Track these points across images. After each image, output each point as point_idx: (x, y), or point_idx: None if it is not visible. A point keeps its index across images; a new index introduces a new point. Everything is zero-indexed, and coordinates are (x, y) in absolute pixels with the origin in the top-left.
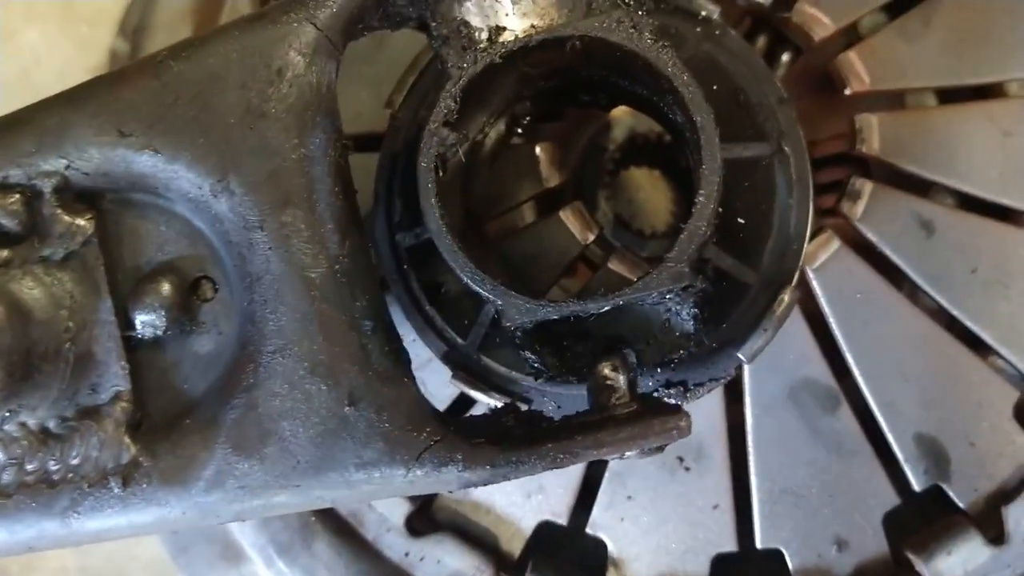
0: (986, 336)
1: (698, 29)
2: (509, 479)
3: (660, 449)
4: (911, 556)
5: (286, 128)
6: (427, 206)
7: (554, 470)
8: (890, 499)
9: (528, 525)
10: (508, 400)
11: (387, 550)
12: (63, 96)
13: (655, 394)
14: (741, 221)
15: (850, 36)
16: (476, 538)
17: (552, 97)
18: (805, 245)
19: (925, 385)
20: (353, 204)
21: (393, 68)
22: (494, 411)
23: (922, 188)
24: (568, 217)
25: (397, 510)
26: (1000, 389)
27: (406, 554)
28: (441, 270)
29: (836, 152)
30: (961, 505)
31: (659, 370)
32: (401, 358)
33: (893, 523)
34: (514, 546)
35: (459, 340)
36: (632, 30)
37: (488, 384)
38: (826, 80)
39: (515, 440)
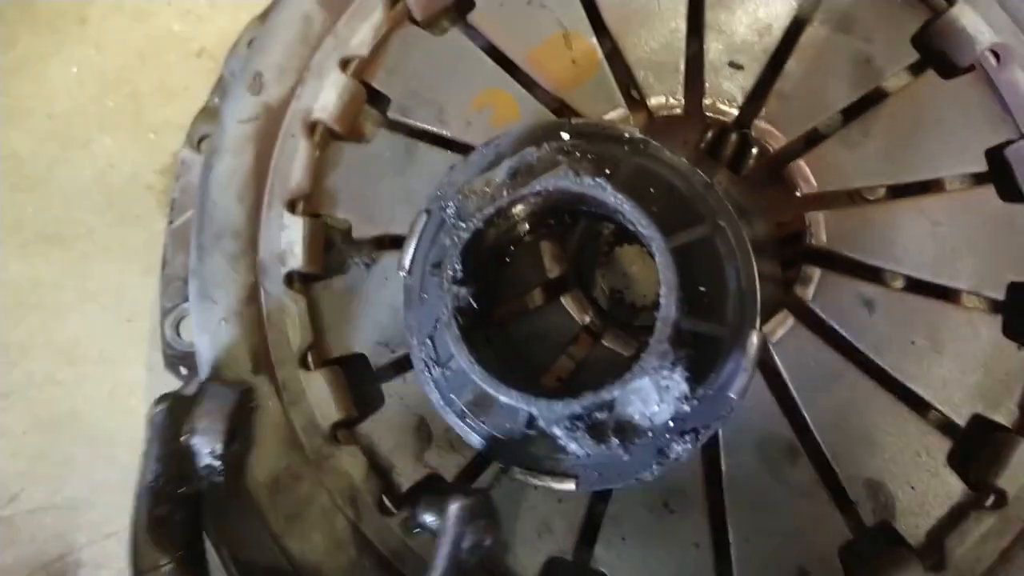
0: (924, 395)
1: (626, 148)
2: None
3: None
4: None
5: None
6: (458, 351)
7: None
8: (844, 535)
9: (539, 559)
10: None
11: None
12: None
13: (672, 444)
14: (702, 289)
15: (805, 142)
16: (500, 574)
17: (540, 218)
18: (758, 294)
19: (872, 438)
20: None
21: (421, 181)
22: None
23: (870, 271)
24: (568, 302)
25: None
26: (936, 440)
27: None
28: (477, 387)
29: (796, 232)
30: (906, 538)
31: (671, 424)
32: None
33: (848, 555)
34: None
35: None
36: (576, 176)
37: (540, 470)
38: (784, 180)
39: None
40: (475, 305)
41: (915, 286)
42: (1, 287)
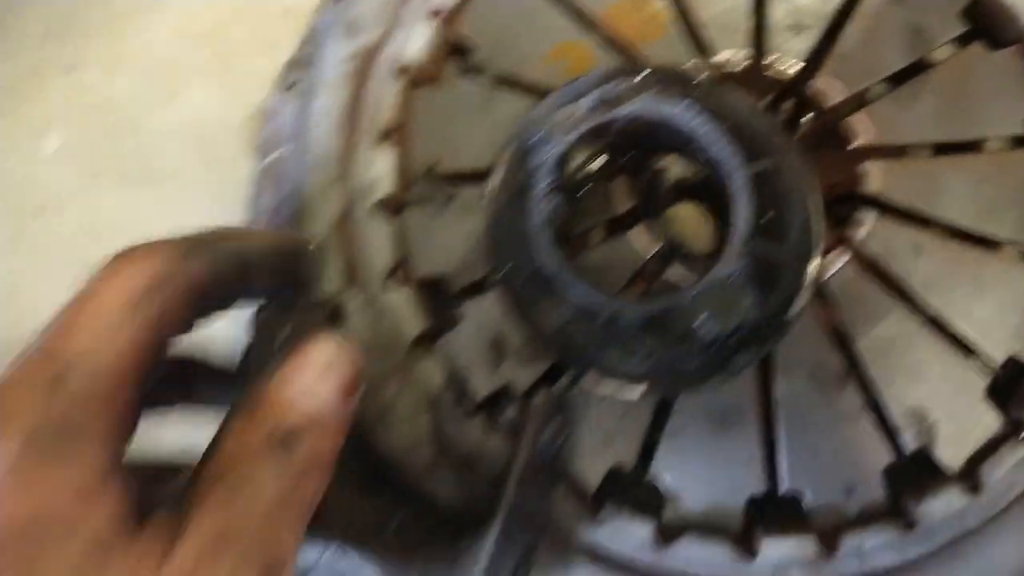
0: (965, 335)
1: (699, 90)
2: None
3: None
4: (904, 501)
5: None
6: (546, 256)
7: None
8: (887, 458)
9: (603, 467)
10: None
11: None
12: None
13: (734, 355)
14: (768, 216)
15: (859, 101)
16: (566, 477)
17: (613, 154)
18: (818, 225)
19: (917, 371)
20: None
21: (501, 123)
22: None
23: (919, 219)
24: (634, 237)
25: None
26: (976, 377)
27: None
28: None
29: (848, 192)
30: (944, 464)
31: (734, 337)
32: None
33: (890, 475)
34: (591, 483)
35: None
36: (659, 103)
37: (610, 378)
38: (839, 136)
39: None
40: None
41: (960, 235)
42: (98, 225)
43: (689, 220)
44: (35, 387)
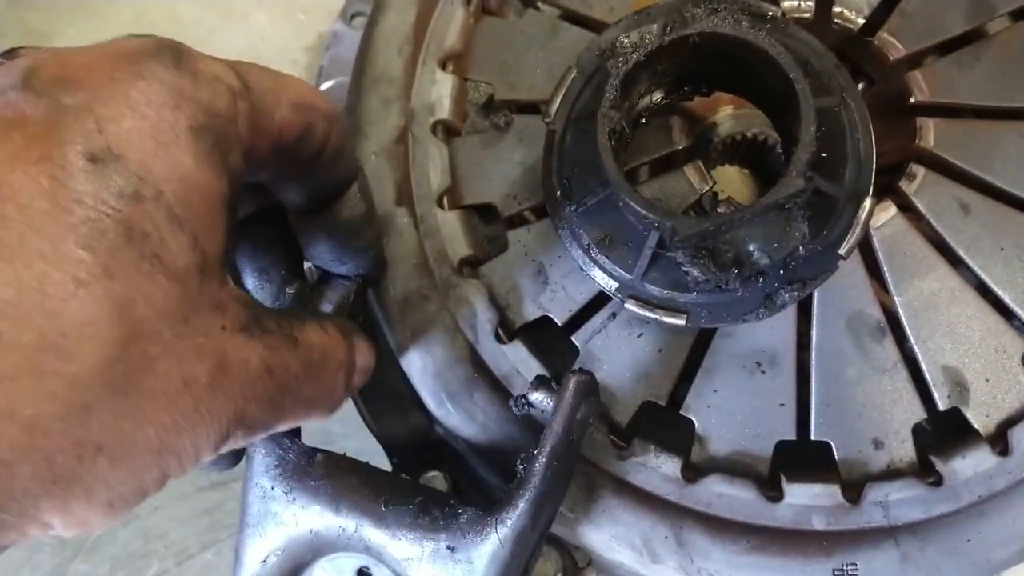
0: (1006, 299)
1: (768, 25)
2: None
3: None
4: (932, 458)
5: None
6: (608, 167)
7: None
8: (919, 414)
9: (635, 402)
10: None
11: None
12: None
13: (780, 290)
14: (824, 155)
15: (914, 62)
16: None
17: (676, 85)
18: (873, 166)
19: (955, 330)
20: None
21: (563, 55)
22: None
23: (969, 179)
24: (690, 171)
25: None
26: (1013, 341)
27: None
28: (606, 225)
29: (899, 161)
30: (976, 425)
31: (782, 272)
32: None
33: (920, 433)
34: (623, 417)
35: (626, 275)
36: (735, 23)
37: (654, 305)
38: (891, 105)
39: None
40: (626, 130)
41: (1008, 199)
42: None
43: (733, 181)
44: (221, 80)
